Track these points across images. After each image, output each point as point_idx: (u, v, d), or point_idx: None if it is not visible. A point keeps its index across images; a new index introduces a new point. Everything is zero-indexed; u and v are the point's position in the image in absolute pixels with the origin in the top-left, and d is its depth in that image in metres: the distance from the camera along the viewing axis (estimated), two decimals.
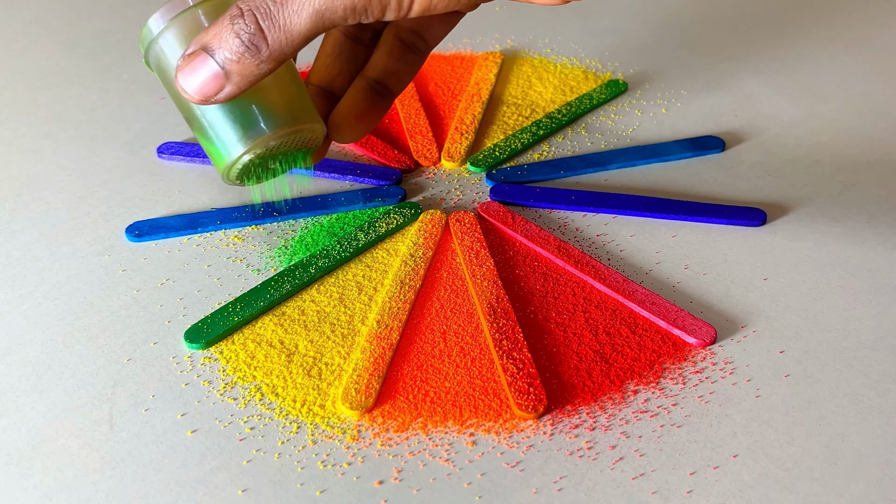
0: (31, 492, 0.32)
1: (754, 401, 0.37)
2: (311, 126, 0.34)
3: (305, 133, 0.34)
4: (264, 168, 0.35)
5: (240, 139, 0.33)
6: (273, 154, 0.34)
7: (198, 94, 0.31)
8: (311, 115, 0.34)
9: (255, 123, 0.33)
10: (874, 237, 0.45)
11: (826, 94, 0.56)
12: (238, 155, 0.33)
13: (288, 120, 0.33)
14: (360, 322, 0.40)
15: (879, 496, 0.33)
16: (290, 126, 0.33)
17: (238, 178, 0.35)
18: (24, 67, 0.58)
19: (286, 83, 0.34)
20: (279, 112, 0.33)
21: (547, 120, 0.53)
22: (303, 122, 0.34)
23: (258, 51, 0.30)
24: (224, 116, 0.33)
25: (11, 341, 0.38)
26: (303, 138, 0.35)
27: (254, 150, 0.33)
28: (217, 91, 0.31)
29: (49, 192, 0.47)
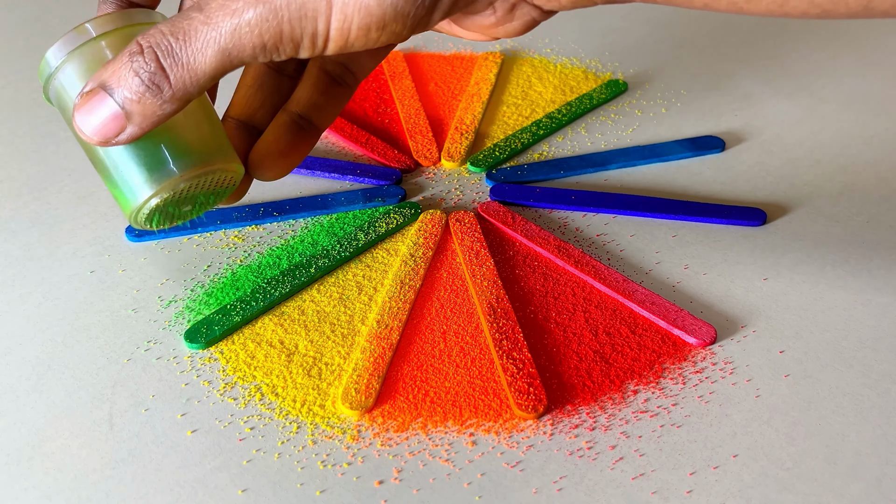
0: (31, 492, 0.32)
1: (754, 401, 0.37)
2: (226, 166, 0.32)
3: (219, 174, 0.32)
4: (176, 211, 0.33)
5: (146, 181, 0.30)
6: (185, 196, 0.32)
7: (96, 135, 0.28)
8: (227, 154, 0.32)
9: (164, 164, 0.30)
10: (874, 237, 0.45)
11: (826, 94, 0.56)
12: (145, 199, 0.30)
13: (200, 160, 0.31)
14: (360, 322, 0.40)
15: (879, 496, 0.33)
16: (203, 167, 0.31)
17: (147, 222, 0.32)
18: (24, 67, 0.58)
19: (198, 120, 0.31)
20: (190, 151, 0.31)
21: (547, 120, 0.53)
22: (216, 163, 0.31)
23: (160, 90, 0.28)
24: (128, 157, 0.30)
25: (11, 341, 0.38)
26: (217, 179, 0.32)
27: (161, 192, 0.30)
28: (117, 133, 0.28)
29: (49, 192, 0.47)
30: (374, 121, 0.53)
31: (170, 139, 0.30)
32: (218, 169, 0.31)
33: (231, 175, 0.32)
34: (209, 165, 0.31)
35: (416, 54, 0.59)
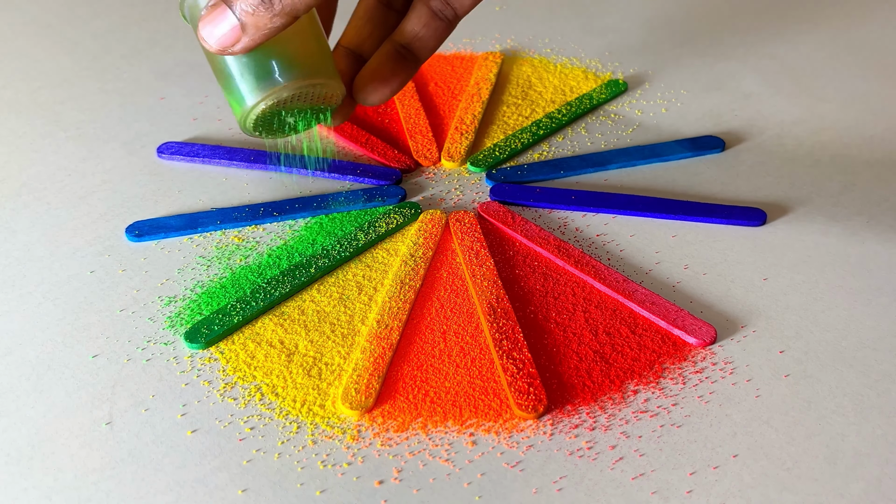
0: (31, 492, 0.32)
1: (754, 401, 0.37)
2: (327, 81, 0.35)
3: (321, 88, 0.35)
4: (282, 122, 0.36)
5: (255, 89, 0.34)
6: (290, 107, 0.35)
7: (216, 45, 0.32)
8: (329, 71, 0.35)
9: (271, 74, 0.33)
10: (874, 237, 0.45)
11: (826, 94, 0.56)
12: (253, 104, 0.34)
13: (304, 73, 0.34)
14: (360, 322, 0.40)
15: (879, 496, 0.33)
16: (305, 79, 0.34)
17: (256, 129, 0.36)
18: (24, 67, 0.58)
19: (307, 38, 0.34)
20: (296, 64, 0.34)
21: (547, 120, 0.53)
22: (318, 77, 0.34)
23: (271, 4, 0.31)
24: (243, 67, 0.34)
25: (11, 341, 0.38)
26: (319, 94, 0.35)
27: (267, 99, 0.34)
28: (234, 42, 0.32)
29: (49, 192, 0.47)
30: (374, 121, 0.53)
31: (279, 53, 0.33)
32: (319, 83, 0.34)
33: (331, 92, 0.35)
34: (311, 79, 0.34)
35: None
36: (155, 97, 0.55)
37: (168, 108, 0.54)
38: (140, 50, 0.60)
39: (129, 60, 0.59)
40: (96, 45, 0.61)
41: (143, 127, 0.52)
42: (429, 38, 0.38)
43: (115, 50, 0.60)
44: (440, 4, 0.38)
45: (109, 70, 0.58)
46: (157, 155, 0.50)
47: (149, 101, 0.55)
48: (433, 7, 0.38)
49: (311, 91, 0.35)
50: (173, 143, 0.50)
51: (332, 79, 0.35)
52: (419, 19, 0.38)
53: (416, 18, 0.38)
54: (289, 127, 0.37)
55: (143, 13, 0.65)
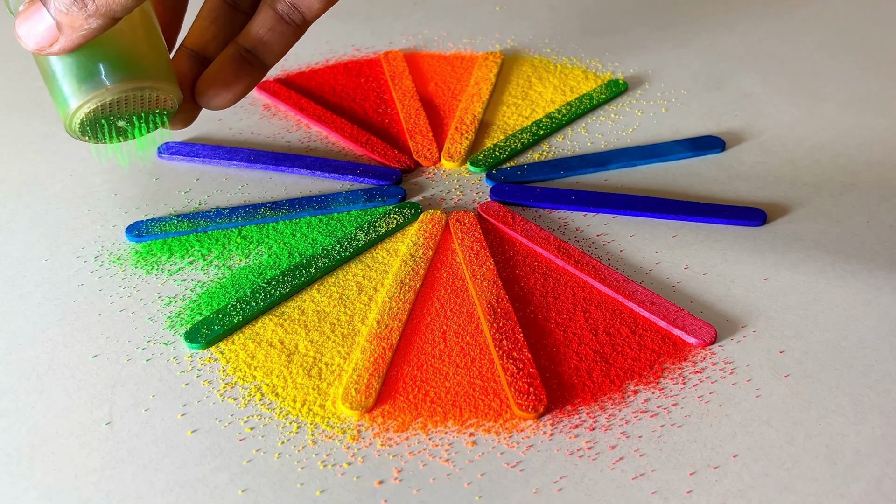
0: (31, 492, 0.32)
1: (754, 401, 0.37)
2: (158, 85, 0.33)
3: (152, 92, 0.33)
4: (112, 126, 0.34)
5: (77, 90, 0.32)
6: (120, 112, 0.34)
7: (33, 44, 0.31)
8: (161, 74, 0.33)
9: (95, 75, 0.32)
10: (874, 237, 0.45)
11: (826, 94, 0.56)
12: (75, 107, 0.32)
13: (131, 75, 0.32)
14: (360, 322, 0.40)
15: (879, 496, 0.33)
16: (133, 81, 0.32)
17: (82, 133, 0.34)
18: (24, 67, 0.58)
19: (137, 38, 0.33)
20: (123, 66, 0.32)
21: (547, 120, 0.53)
22: (148, 80, 0.33)
23: (84, 4, 0.30)
24: (66, 67, 0.32)
25: (11, 341, 0.38)
26: (151, 98, 0.34)
27: (91, 102, 0.32)
28: (51, 43, 0.31)
29: (49, 192, 0.47)
30: (374, 121, 0.53)
31: (105, 53, 0.32)
32: (148, 86, 0.33)
33: (165, 97, 0.34)
34: (140, 81, 0.32)
35: (416, 54, 0.59)
36: None
37: None
38: None
39: None
40: None
41: None
42: (275, 43, 0.37)
43: None
44: (287, 8, 0.37)
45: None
46: (157, 155, 0.50)
47: None
48: (279, 10, 0.37)
49: (142, 95, 0.33)
50: (173, 143, 0.50)
51: (165, 82, 0.33)
52: (264, 23, 0.37)
53: (261, 21, 0.37)
54: (121, 132, 0.35)
55: None
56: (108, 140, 0.35)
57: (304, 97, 0.54)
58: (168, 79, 0.34)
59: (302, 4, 0.37)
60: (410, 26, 0.63)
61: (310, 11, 0.37)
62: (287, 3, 0.37)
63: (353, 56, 0.59)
